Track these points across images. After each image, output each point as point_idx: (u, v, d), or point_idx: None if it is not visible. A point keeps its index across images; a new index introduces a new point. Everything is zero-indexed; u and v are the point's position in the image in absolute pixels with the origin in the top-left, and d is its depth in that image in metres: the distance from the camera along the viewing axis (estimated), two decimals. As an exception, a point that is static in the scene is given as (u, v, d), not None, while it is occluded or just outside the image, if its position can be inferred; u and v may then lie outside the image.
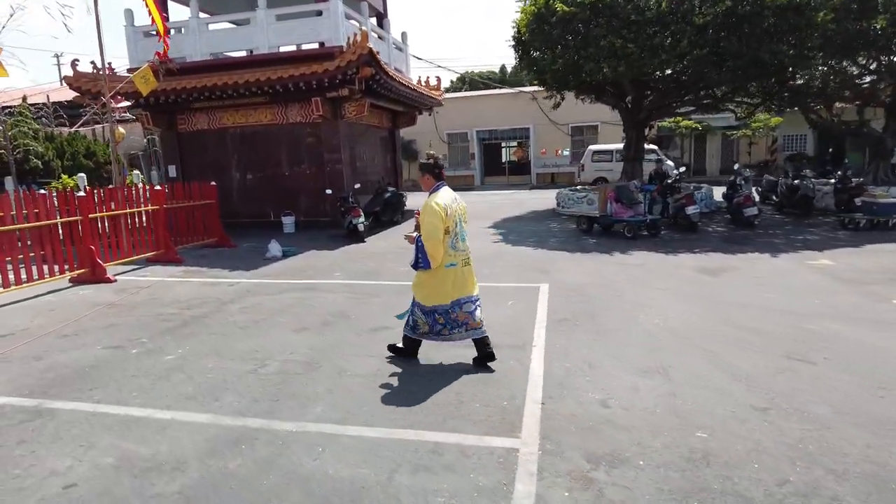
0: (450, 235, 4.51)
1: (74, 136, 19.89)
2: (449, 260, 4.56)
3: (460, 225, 4.61)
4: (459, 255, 4.63)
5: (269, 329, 6.01)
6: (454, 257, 4.59)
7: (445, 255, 4.51)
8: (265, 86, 13.18)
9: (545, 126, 29.19)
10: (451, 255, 4.57)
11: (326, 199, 14.42)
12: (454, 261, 4.60)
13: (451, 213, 4.49)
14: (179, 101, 14.15)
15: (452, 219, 4.51)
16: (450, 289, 4.62)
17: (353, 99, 13.87)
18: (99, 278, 8.63)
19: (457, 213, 4.57)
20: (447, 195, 4.60)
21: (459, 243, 4.62)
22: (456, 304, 4.65)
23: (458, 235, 4.60)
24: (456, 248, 4.59)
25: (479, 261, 9.74)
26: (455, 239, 4.57)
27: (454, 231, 4.54)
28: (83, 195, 8.49)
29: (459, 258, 4.63)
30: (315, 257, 10.42)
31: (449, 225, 4.47)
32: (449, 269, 4.57)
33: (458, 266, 4.63)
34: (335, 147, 14.42)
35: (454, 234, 4.55)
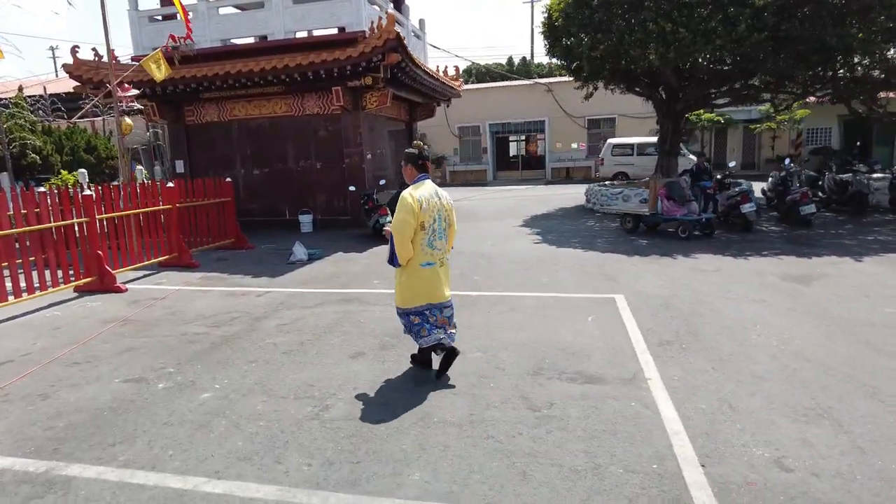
0: (426, 232, 4.20)
1: (74, 129, 18.84)
2: (426, 258, 4.25)
3: (440, 222, 4.28)
4: (437, 254, 4.31)
5: (319, 355, 5.05)
6: (432, 256, 4.28)
7: (421, 253, 4.22)
8: (281, 74, 12.18)
9: (560, 119, 28.24)
10: (427, 254, 4.25)
11: (348, 197, 13.46)
12: (432, 260, 4.29)
13: (427, 207, 4.16)
14: (188, 91, 13.14)
15: (429, 214, 4.18)
16: (429, 289, 4.31)
17: (375, 88, 12.89)
18: (108, 288, 7.66)
19: (436, 208, 4.24)
20: (426, 189, 4.26)
21: (437, 241, 4.29)
22: (436, 308, 4.37)
23: (436, 233, 4.27)
24: (433, 247, 4.27)
25: (530, 266, 8.87)
26: (432, 236, 4.24)
27: (431, 227, 4.22)
28: (89, 193, 7.51)
29: (437, 257, 4.32)
30: (344, 261, 9.45)
31: (424, 220, 4.16)
32: (426, 269, 4.27)
33: (436, 266, 4.32)
34: (356, 140, 13.43)
35: (431, 231, 4.22)
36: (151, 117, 13.85)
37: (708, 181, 11.37)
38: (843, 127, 25.61)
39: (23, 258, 6.90)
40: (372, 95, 13.14)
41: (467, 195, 21.38)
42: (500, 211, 16.09)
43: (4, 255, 6.64)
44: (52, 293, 7.22)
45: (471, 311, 6.20)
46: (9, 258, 6.73)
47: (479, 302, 6.61)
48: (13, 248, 6.85)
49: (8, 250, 6.70)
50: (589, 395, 4.09)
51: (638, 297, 6.61)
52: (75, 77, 13.29)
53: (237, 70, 12.23)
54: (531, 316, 6.01)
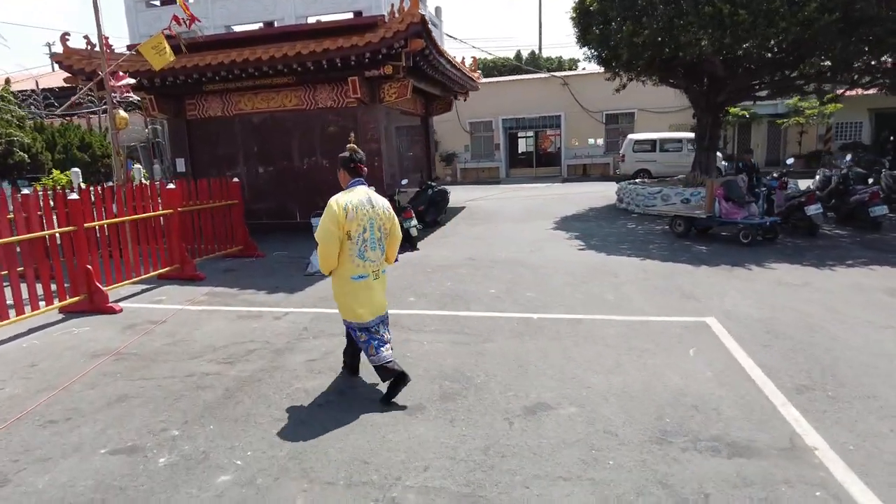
0: (354, 242, 3.91)
1: (68, 126, 17.70)
2: (357, 271, 3.97)
3: (371, 231, 3.98)
4: (369, 265, 4.02)
5: (363, 408, 3.93)
6: (363, 268, 3.99)
7: (350, 265, 3.95)
8: (292, 63, 11.03)
9: (577, 114, 27.10)
10: (358, 266, 3.97)
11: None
12: (363, 272, 4.00)
13: (354, 216, 3.88)
14: (189, 83, 12.00)
15: (357, 223, 3.90)
16: (361, 304, 4.02)
17: (394, 79, 11.74)
18: (99, 308, 6.54)
19: (366, 217, 3.94)
20: (358, 195, 3.99)
21: (369, 252, 3.99)
22: (381, 323, 4.14)
23: (368, 243, 3.97)
24: (364, 258, 3.98)
25: (586, 279, 7.48)
26: (363, 247, 3.95)
27: (360, 238, 3.92)
28: (76, 198, 6.38)
29: (369, 269, 4.02)
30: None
31: (351, 230, 3.88)
32: (357, 282, 3.99)
33: (370, 278, 4.04)
34: (373, 136, 12.29)
35: (361, 241, 3.94)
36: (150, 112, 12.71)
37: (773, 181, 10.18)
38: (874, 121, 24.47)
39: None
40: (391, 87, 12.00)
41: (483, 194, 20.25)
42: (525, 211, 14.96)
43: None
44: (34, 316, 6.08)
45: (538, 342, 5.08)
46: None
47: (544, 328, 5.49)
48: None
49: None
50: (748, 478, 2.98)
51: (733, 321, 5.49)
52: (66, 67, 12.13)
53: (243, 58, 11.09)
54: (617, 349, 4.89)
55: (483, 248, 9.92)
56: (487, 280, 7.51)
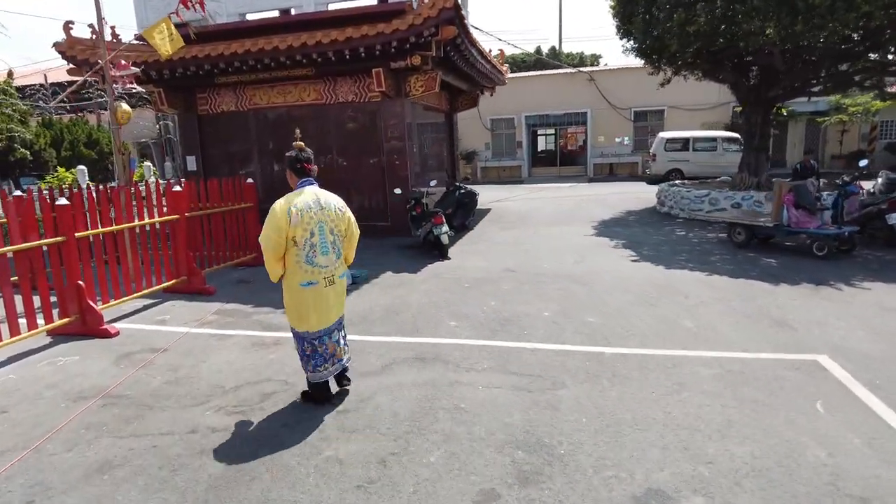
0: (300, 248, 3.67)
1: (76, 121, 16.94)
2: (305, 277, 3.73)
3: (322, 235, 3.74)
4: (319, 271, 3.76)
5: (418, 494, 2.97)
6: (313, 274, 3.74)
7: (298, 270, 3.70)
8: (313, 53, 10.11)
9: (604, 111, 25.98)
10: (307, 272, 3.72)
11: (388, 200, 11.42)
12: (313, 279, 3.75)
13: (299, 220, 3.63)
14: (201, 75, 11.13)
15: (304, 227, 3.65)
16: (311, 313, 3.79)
17: (421, 71, 10.80)
18: (92, 330, 5.65)
19: (314, 220, 3.70)
20: (305, 197, 3.74)
21: (319, 257, 3.75)
22: (326, 334, 3.90)
23: (317, 247, 3.73)
24: (313, 264, 3.73)
25: (652, 300, 6.38)
26: (311, 251, 3.71)
27: (307, 242, 3.68)
28: (65, 203, 5.48)
29: (320, 276, 3.77)
30: (398, 286, 7.39)
31: (296, 235, 3.64)
32: (306, 290, 3.75)
33: (319, 286, 3.77)
34: (398, 133, 11.35)
35: (308, 246, 3.69)
36: (159, 106, 11.86)
37: (853, 187, 9.05)
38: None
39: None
40: (417, 79, 11.06)
41: (507, 194, 19.25)
42: (558, 214, 13.95)
43: None
44: (17, 341, 5.20)
45: (621, 389, 4.10)
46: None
47: (623, 368, 4.51)
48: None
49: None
50: None
51: (851, 361, 4.48)
52: (69, 58, 11.31)
53: (259, 48, 10.18)
54: (721, 399, 3.91)
55: (521, 257, 8.94)
56: (536, 298, 6.53)
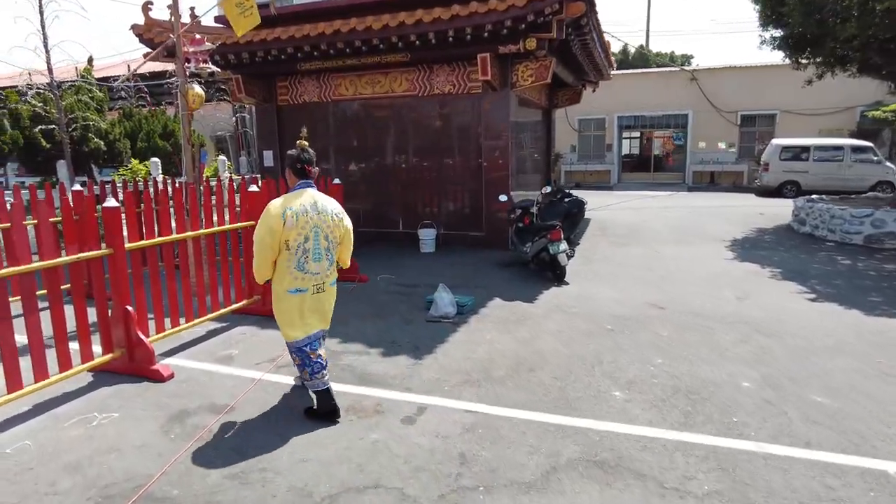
0: (292, 252, 3.50)
1: (155, 112, 16.31)
2: (294, 284, 3.56)
3: (316, 240, 3.55)
4: (309, 278, 3.58)
5: None
6: (302, 281, 3.57)
7: (288, 276, 3.55)
8: (411, 34, 8.69)
9: (707, 113, 23.54)
10: (296, 279, 3.55)
11: (485, 207, 9.90)
12: (302, 286, 3.58)
13: (294, 223, 3.46)
14: (283, 60, 9.93)
15: (299, 231, 3.48)
16: (298, 320, 3.64)
17: (534, 57, 9.23)
18: (140, 370, 4.37)
19: (310, 225, 3.52)
20: (302, 200, 3.54)
21: (311, 263, 3.56)
22: (315, 340, 3.71)
23: (310, 253, 3.54)
24: (304, 270, 3.55)
25: (887, 372, 4.18)
26: (304, 257, 3.53)
27: (300, 247, 3.51)
28: (113, 205, 4.21)
29: (310, 283, 3.60)
30: (517, 322, 5.81)
31: (289, 239, 3.47)
32: (293, 296, 3.59)
33: (308, 293, 3.61)
34: (500, 130, 9.79)
35: (301, 251, 3.52)
36: (236, 95, 10.77)
37: None
38: None
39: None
40: (526, 68, 9.48)
41: (602, 201, 17.32)
42: (674, 229, 12.01)
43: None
44: (52, 384, 3.94)
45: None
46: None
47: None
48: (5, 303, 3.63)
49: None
50: None
51: None
52: (146, 41, 10.39)
53: (350, 28, 8.86)
54: None
55: (661, 286, 7.19)
56: (717, 356, 4.80)
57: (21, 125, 11.65)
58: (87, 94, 12.08)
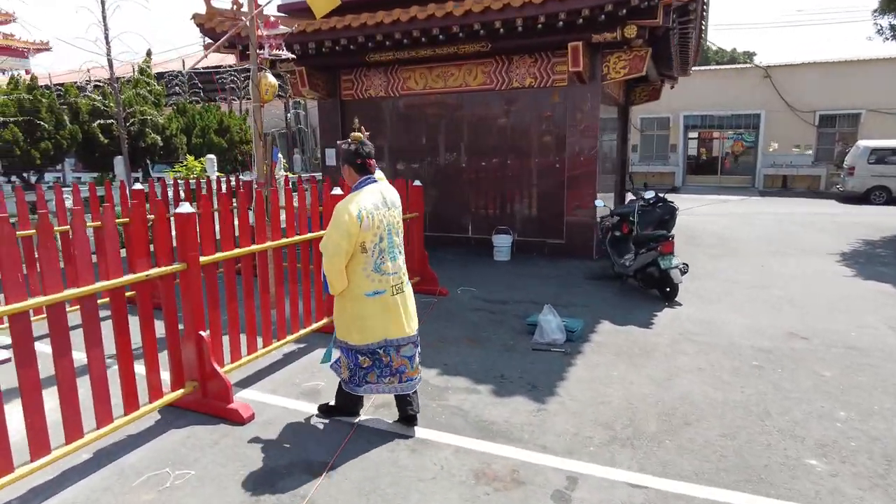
0: (369, 254, 3.22)
1: (208, 107, 15.92)
2: (372, 287, 3.27)
3: (390, 238, 3.30)
4: (388, 279, 3.30)
5: None
6: (380, 283, 3.29)
7: (365, 280, 3.24)
8: (497, 20, 7.86)
9: (780, 113, 22.04)
10: (374, 281, 3.27)
11: (567, 212, 9.01)
12: (380, 287, 3.29)
13: (370, 224, 3.18)
14: (352, 50, 9.21)
15: (373, 232, 3.20)
16: (377, 323, 3.31)
17: (629, 47, 8.30)
18: (215, 409, 3.66)
19: (384, 223, 3.26)
20: (372, 197, 3.24)
21: (388, 263, 3.30)
22: (390, 346, 3.37)
23: (386, 252, 3.29)
24: (382, 271, 3.28)
25: None
26: (380, 257, 3.27)
27: (377, 247, 3.24)
28: (189, 211, 3.49)
29: (388, 284, 3.31)
30: (641, 354, 4.92)
31: (366, 240, 3.19)
32: (373, 299, 3.27)
33: (387, 294, 3.31)
34: (587, 128, 8.88)
35: (378, 252, 3.25)
36: (299, 88, 10.13)
37: None
38: None
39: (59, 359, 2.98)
40: (619, 58, 8.55)
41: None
42: (768, 239, 10.87)
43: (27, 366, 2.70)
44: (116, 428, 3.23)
45: None
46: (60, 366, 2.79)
47: None
48: (65, 334, 2.94)
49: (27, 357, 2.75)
50: None
51: None
52: (207, 31, 9.85)
53: (428, 15, 8.08)
54: None
55: (786, 309, 6.20)
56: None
57: (80, 120, 11.31)
58: (144, 87, 11.63)
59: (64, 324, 2.90)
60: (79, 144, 11.30)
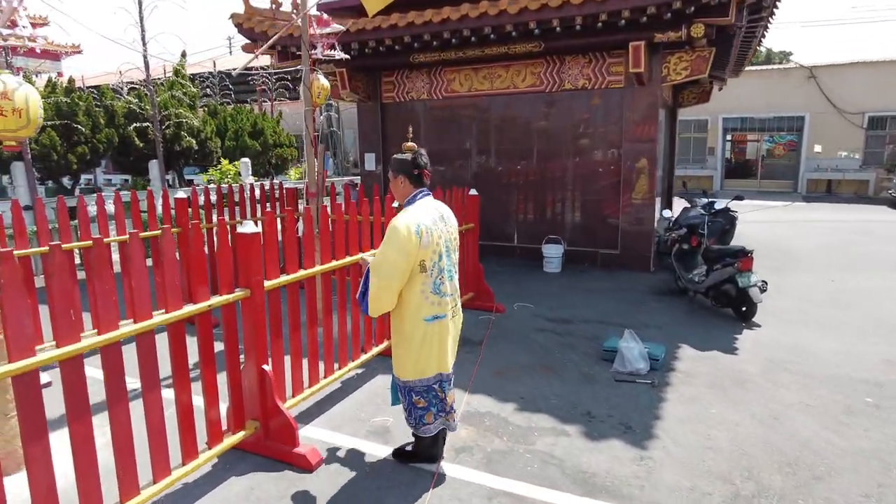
0: (428, 274, 2.89)
1: (239, 109, 15.69)
2: (431, 310, 2.93)
3: (448, 256, 3.00)
4: (447, 301, 2.99)
5: None
6: (440, 306, 2.96)
7: (424, 303, 2.91)
8: (555, 19, 7.41)
9: (826, 115, 21.15)
10: (433, 304, 2.93)
11: (625, 221, 8.52)
12: (440, 311, 2.96)
13: (431, 239, 2.87)
14: (397, 51, 8.84)
15: (433, 248, 2.89)
16: (434, 354, 2.98)
17: (690, 47, 7.79)
18: (280, 453, 3.28)
19: (442, 239, 2.95)
20: (428, 211, 2.95)
21: (446, 284, 2.98)
22: (444, 380, 3.09)
23: (445, 272, 2.96)
24: (441, 293, 2.96)
25: None
26: (440, 277, 2.94)
27: (435, 267, 2.90)
28: (252, 231, 3.11)
29: (447, 307, 3.00)
30: (735, 385, 4.43)
31: (426, 258, 2.86)
32: (432, 325, 2.95)
33: (448, 318, 3.00)
34: (646, 131, 8.38)
35: (437, 272, 2.92)
36: (339, 91, 9.78)
37: None
38: None
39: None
40: (680, 59, 8.03)
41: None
42: (833, 250, 10.24)
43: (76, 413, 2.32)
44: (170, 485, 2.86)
45: None
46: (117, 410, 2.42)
47: None
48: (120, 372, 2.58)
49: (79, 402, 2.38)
50: None
51: None
52: (245, 31, 9.53)
53: (480, 13, 7.65)
54: None
55: (882, 333, 5.64)
56: None
57: (116, 123, 11.11)
58: (180, 89, 11.39)
59: (120, 367, 2.52)
60: (114, 148, 11.10)
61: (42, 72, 16.26)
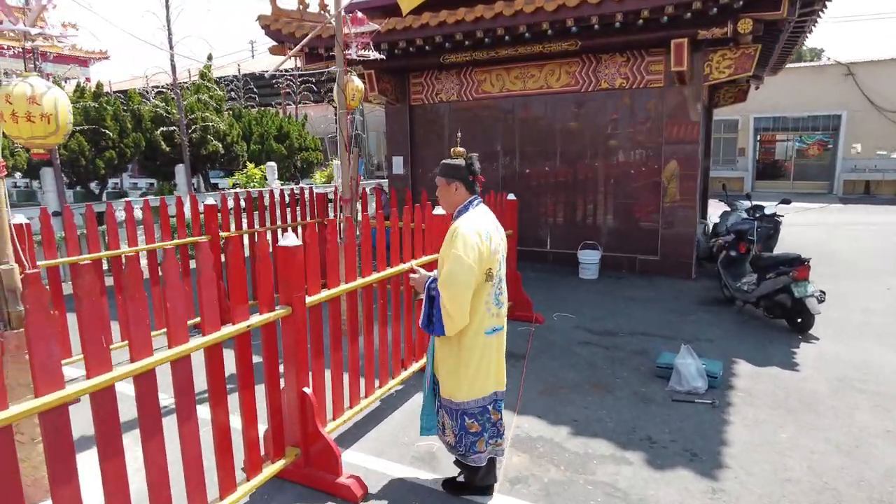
0: (493, 283, 2.73)
1: (264, 113, 15.62)
2: (492, 322, 2.76)
3: (502, 267, 2.83)
4: (503, 313, 2.85)
5: None
6: (498, 318, 2.80)
7: (486, 314, 2.71)
8: (593, 16, 7.12)
9: (864, 113, 20.48)
10: (493, 315, 2.76)
11: (664, 226, 8.18)
12: (499, 323, 2.81)
13: (495, 248, 2.72)
14: (427, 51, 8.63)
15: (496, 258, 2.74)
16: (492, 370, 2.80)
17: (734, 44, 7.43)
18: (322, 483, 3.07)
19: (502, 247, 2.83)
20: (487, 218, 2.78)
21: (503, 294, 2.84)
22: (499, 399, 2.90)
23: (501, 283, 2.82)
24: (500, 303, 2.81)
25: None
26: (499, 287, 2.80)
27: (497, 275, 2.76)
28: (294, 244, 2.88)
29: (503, 319, 2.86)
30: (803, 407, 4.10)
31: (493, 266, 2.71)
32: (491, 338, 2.77)
33: (503, 330, 2.87)
34: (688, 132, 8.05)
35: (497, 281, 2.77)
36: (367, 93, 9.57)
37: None
38: None
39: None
40: (724, 56, 7.69)
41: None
42: (885, 256, 9.78)
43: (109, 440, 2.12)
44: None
45: None
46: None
47: None
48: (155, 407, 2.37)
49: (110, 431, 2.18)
50: None
51: None
52: (272, 33, 9.39)
53: (515, 11, 7.39)
54: None
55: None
56: None
57: (143, 127, 11.07)
58: (206, 92, 11.30)
59: (154, 396, 2.31)
60: (141, 153, 11.05)
61: (70, 77, 16.41)
